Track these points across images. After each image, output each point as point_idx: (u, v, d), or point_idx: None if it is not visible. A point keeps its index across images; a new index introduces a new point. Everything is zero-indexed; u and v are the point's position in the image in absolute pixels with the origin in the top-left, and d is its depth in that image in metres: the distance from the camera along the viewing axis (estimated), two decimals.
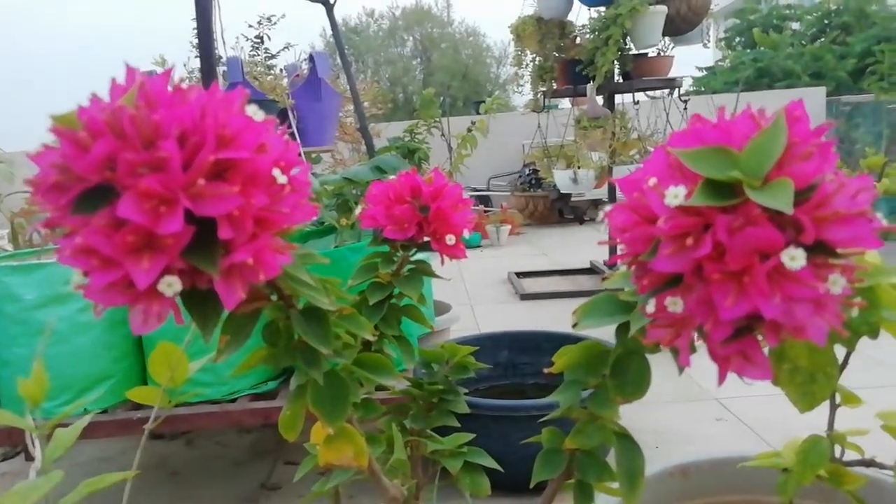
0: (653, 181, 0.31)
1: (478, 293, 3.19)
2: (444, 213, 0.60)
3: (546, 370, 0.48)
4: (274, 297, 0.42)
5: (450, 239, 0.60)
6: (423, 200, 0.61)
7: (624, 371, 0.43)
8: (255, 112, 0.34)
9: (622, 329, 0.43)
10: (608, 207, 0.35)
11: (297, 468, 0.71)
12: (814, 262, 0.29)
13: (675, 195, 0.30)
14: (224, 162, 0.32)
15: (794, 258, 0.28)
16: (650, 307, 0.34)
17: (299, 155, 0.41)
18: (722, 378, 0.34)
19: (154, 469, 1.56)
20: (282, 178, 0.34)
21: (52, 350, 1.19)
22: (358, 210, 0.67)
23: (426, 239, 0.62)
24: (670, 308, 0.32)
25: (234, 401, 1.27)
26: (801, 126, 0.31)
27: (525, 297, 3.02)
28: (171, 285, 0.31)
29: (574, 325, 0.43)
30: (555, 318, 2.61)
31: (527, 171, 5.64)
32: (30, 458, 1.44)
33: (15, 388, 1.22)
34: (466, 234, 0.62)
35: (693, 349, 0.36)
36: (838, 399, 0.57)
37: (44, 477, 0.44)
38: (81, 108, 0.31)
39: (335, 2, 2.15)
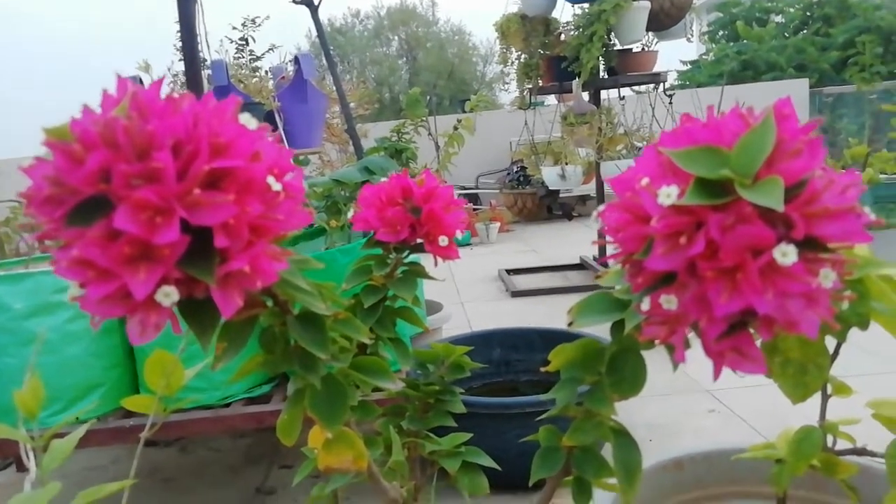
0: (645, 181, 0.32)
1: (468, 291, 3.20)
2: (436, 214, 0.60)
3: (543, 369, 0.48)
4: (270, 304, 0.43)
5: (443, 240, 0.61)
6: (415, 202, 0.61)
7: (620, 368, 0.43)
8: (248, 120, 0.34)
9: (617, 326, 0.43)
10: (601, 207, 0.35)
11: (293, 472, 0.71)
12: (805, 258, 0.30)
13: (668, 195, 0.30)
14: (219, 171, 0.32)
15: (785, 254, 0.29)
16: (645, 305, 0.34)
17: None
18: (717, 373, 0.34)
19: (148, 476, 1.55)
20: (276, 186, 0.34)
21: (41, 360, 1.18)
22: (350, 213, 0.67)
23: (419, 241, 0.63)
24: (665, 306, 0.33)
25: (227, 405, 1.27)
26: (789, 123, 0.31)
27: (516, 293, 3.02)
28: (169, 295, 0.31)
29: (569, 324, 0.43)
30: (546, 314, 2.62)
31: (515, 169, 5.65)
32: (22, 469, 1.43)
33: (4, 398, 1.21)
34: (459, 234, 0.63)
35: (688, 345, 0.37)
36: (830, 389, 0.58)
37: (42, 489, 0.44)
38: (74, 120, 0.31)
39: (319, 3, 2.15)
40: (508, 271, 3.44)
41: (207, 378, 1.25)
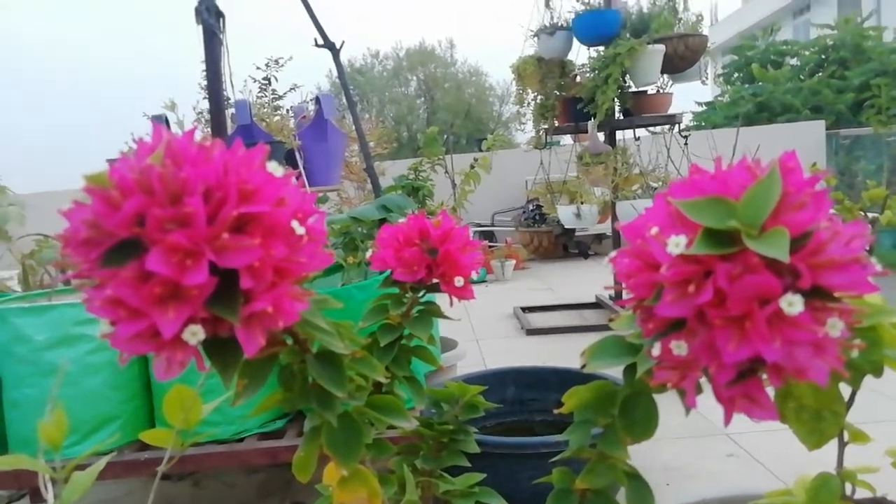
0: (655, 230, 0.33)
1: (484, 328, 3.19)
2: (452, 255, 0.62)
3: (556, 410, 0.49)
4: (289, 342, 0.44)
5: (458, 281, 0.62)
6: (432, 243, 0.63)
7: (632, 412, 0.44)
8: (275, 168, 0.35)
9: (629, 370, 0.43)
10: (613, 253, 0.37)
11: None
12: (812, 307, 0.31)
13: (677, 244, 0.31)
14: (246, 216, 0.33)
15: (792, 304, 0.29)
16: (656, 350, 0.35)
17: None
18: (728, 419, 0.35)
19: None
20: (300, 230, 0.35)
21: (60, 391, 1.19)
22: (367, 250, 0.68)
23: (435, 281, 0.64)
24: (675, 351, 0.33)
25: (241, 440, 1.27)
26: (794, 176, 0.32)
27: (531, 332, 3.01)
28: (195, 334, 0.33)
29: (583, 367, 0.44)
30: (561, 352, 2.60)
31: (530, 207, 5.68)
32: (36, 500, 1.43)
33: (24, 429, 1.23)
34: (474, 275, 0.64)
35: (700, 389, 0.37)
36: (846, 436, 0.57)
37: None
38: (112, 167, 0.32)
39: (341, 46, 2.21)
40: (524, 309, 3.43)
41: (222, 412, 1.25)
